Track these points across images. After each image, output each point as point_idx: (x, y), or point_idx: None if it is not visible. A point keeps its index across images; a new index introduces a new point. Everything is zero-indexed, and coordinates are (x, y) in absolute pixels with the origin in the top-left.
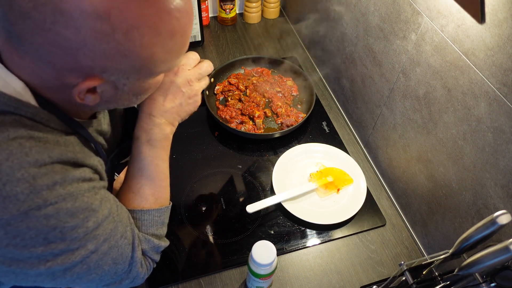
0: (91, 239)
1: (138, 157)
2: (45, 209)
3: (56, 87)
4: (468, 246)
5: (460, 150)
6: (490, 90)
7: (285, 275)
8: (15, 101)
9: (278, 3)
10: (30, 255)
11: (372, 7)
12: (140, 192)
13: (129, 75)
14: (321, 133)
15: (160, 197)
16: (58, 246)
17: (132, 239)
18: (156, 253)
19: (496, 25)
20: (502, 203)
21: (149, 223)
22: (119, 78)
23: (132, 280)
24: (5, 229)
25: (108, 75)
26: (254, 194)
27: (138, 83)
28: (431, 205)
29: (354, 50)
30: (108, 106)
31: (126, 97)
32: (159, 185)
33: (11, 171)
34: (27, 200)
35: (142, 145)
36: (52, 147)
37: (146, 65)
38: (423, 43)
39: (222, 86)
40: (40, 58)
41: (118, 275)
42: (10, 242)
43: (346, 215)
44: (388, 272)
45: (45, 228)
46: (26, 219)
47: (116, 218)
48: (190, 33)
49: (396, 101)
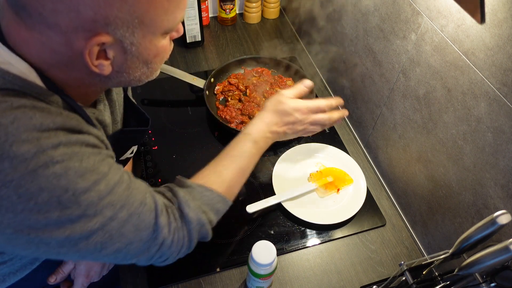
0: (107, 206)
1: (240, 148)
2: (53, 167)
3: (66, 59)
4: (468, 246)
5: (460, 150)
6: (490, 90)
7: (285, 275)
8: (20, 80)
9: (278, 3)
10: (46, 222)
11: (372, 7)
12: (222, 172)
13: (134, 30)
14: (321, 133)
15: (233, 187)
16: (73, 211)
17: (155, 205)
18: (198, 231)
19: (496, 25)
20: (502, 203)
21: (206, 200)
22: (125, 35)
23: (159, 248)
24: (17, 192)
25: (113, 28)
26: (254, 194)
27: (144, 43)
28: (431, 205)
29: (354, 50)
30: (120, 79)
31: (136, 65)
32: (240, 177)
33: (17, 133)
34: (34, 158)
35: (250, 141)
36: (55, 115)
37: (147, 13)
38: (423, 43)
39: (222, 86)
40: (47, 23)
41: (144, 242)
42: (24, 207)
43: (346, 215)
44: (388, 272)
45: (56, 189)
46: (35, 178)
47: (131, 185)
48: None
49: (396, 101)
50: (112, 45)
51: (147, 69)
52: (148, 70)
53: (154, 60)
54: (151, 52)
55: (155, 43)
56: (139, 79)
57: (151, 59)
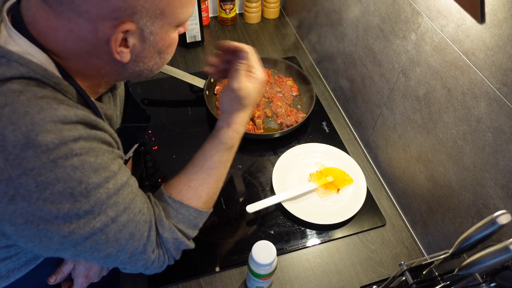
0: (112, 205)
1: (217, 159)
2: (71, 159)
3: (90, 46)
4: (468, 246)
5: (460, 150)
6: (490, 90)
7: (285, 275)
8: (42, 70)
9: (278, 3)
10: (57, 214)
11: (372, 7)
12: (198, 188)
13: (154, 19)
14: (321, 133)
15: (210, 199)
16: (82, 206)
17: (150, 217)
18: (176, 249)
19: (496, 25)
20: (502, 203)
21: (182, 218)
22: (146, 24)
23: (144, 263)
24: (36, 181)
25: (137, 17)
26: (254, 194)
27: (161, 33)
28: (431, 205)
29: (354, 50)
30: (135, 69)
31: (151, 54)
32: (218, 187)
33: (43, 123)
34: (56, 149)
35: (225, 150)
36: (78, 109)
37: (168, 6)
38: (423, 43)
39: (222, 86)
40: (77, 11)
41: (133, 255)
42: (40, 196)
43: (346, 215)
44: (388, 272)
45: (72, 181)
46: (55, 168)
47: (134, 190)
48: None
49: (396, 101)
50: (134, 33)
51: (159, 59)
52: (160, 60)
53: (167, 51)
54: (165, 43)
55: (169, 34)
56: (151, 69)
57: (164, 49)
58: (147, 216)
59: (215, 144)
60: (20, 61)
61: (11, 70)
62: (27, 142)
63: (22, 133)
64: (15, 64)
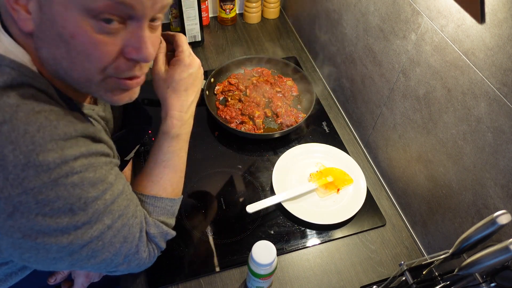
0: (108, 213)
1: (166, 150)
2: (72, 177)
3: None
4: (468, 246)
5: (460, 150)
6: (490, 90)
7: (285, 275)
8: (31, 72)
9: (278, 3)
10: (55, 227)
11: (372, 7)
12: (160, 181)
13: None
14: (321, 133)
15: (176, 188)
16: (81, 218)
17: (140, 219)
18: (164, 240)
19: (496, 25)
20: (502, 203)
21: (161, 210)
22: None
23: (138, 263)
24: (36, 199)
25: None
26: (254, 194)
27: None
28: (431, 205)
29: (354, 50)
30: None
31: (52, 36)
32: (179, 176)
33: (43, 142)
34: (57, 168)
35: (171, 139)
36: (75, 121)
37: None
38: (423, 43)
39: (222, 86)
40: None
41: (127, 256)
42: (39, 212)
43: (346, 215)
44: (388, 272)
45: (71, 198)
46: (55, 187)
47: (129, 196)
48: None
49: (396, 101)
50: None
51: (65, 50)
52: (66, 54)
53: (71, 42)
54: (66, 25)
55: (72, 17)
56: (55, 58)
57: (66, 36)
58: (139, 218)
59: (160, 135)
60: (11, 65)
61: (3, 76)
62: (28, 162)
63: (22, 153)
64: (6, 69)
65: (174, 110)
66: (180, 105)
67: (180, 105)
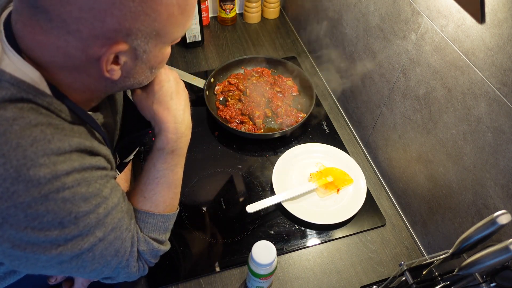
0: (100, 226)
1: (159, 167)
2: (62, 193)
3: (79, 63)
4: (468, 246)
5: (460, 150)
6: (490, 90)
7: (285, 275)
8: (34, 89)
9: (278, 3)
10: (45, 239)
11: (372, 7)
12: (152, 198)
13: (149, 40)
14: (321, 133)
15: (170, 204)
16: (71, 231)
17: (133, 233)
18: (154, 257)
19: (496, 25)
20: (502, 203)
21: (152, 227)
22: (140, 44)
23: (127, 275)
24: (25, 212)
25: (132, 39)
26: (254, 194)
27: (155, 51)
28: (431, 205)
29: (354, 50)
30: (125, 84)
31: (143, 70)
32: (173, 192)
33: (35, 157)
34: (48, 184)
35: (166, 155)
36: (72, 135)
37: (164, 27)
38: (423, 43)
39: (222, 86)
40: (68, 29)
41: (116, 269)
42: (28, 225)
43: (346, 215)
44: (388, 272)
45: (61, 212)
46: (45, 201)
47: (124, 208)
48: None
49: (396, 101)
50: (126, 52)
51: (150, 73)
52: (151, 74)
53: (158, 66)
54: (157, 59)
55: (163, 51)
56: (141, 82)
57: (156, 65)
58: (132, 233)
59: (154, 152)
60: (11, 81)
61: (1, 91)
62: (18, 176)
63: (13, 167)
64: (5, 84)
65: (167, 123)
66: (173, 116)
67: (172, 115)
